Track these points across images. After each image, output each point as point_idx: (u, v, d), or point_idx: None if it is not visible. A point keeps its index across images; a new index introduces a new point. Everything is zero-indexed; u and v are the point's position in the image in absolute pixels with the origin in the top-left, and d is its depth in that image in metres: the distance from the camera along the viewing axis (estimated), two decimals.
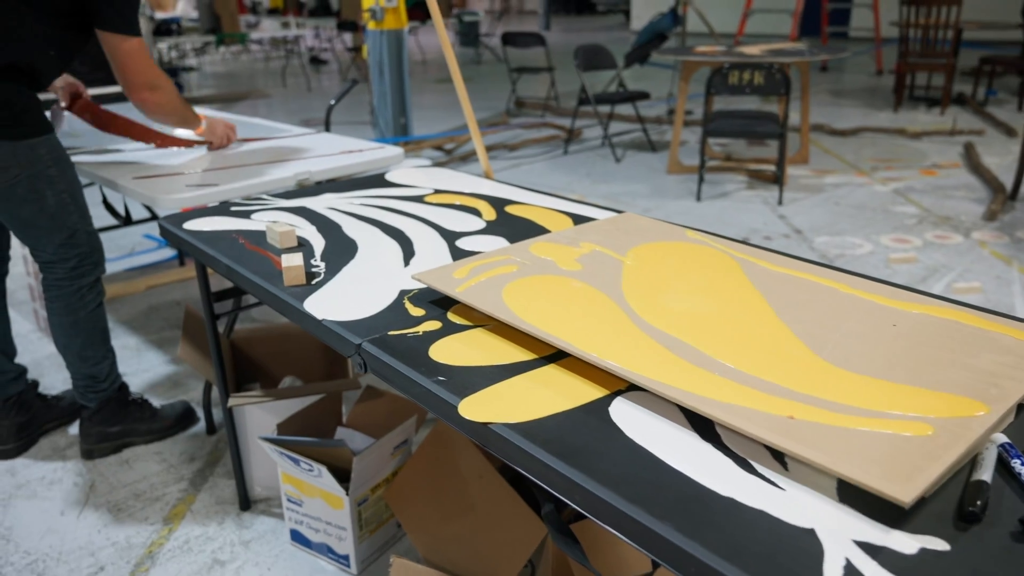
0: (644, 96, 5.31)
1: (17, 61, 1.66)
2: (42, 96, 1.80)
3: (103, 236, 3.44)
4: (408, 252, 1.33)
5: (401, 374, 0.93)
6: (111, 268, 3.32)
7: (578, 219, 1.49)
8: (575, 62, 5.23)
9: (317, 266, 1.28)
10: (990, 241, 3.46)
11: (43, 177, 1.74)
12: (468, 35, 12.58)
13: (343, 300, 1.13)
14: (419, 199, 1.66)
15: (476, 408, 0.84)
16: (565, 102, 7.31)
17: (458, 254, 1.32)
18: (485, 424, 0.81)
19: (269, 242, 1.40)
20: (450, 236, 1.41)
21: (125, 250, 3.58)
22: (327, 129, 2.68)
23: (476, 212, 1.55)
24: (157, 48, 8.15)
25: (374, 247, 1.36)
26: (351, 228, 1.47)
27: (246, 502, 1.79)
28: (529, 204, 1.60)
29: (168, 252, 3.54)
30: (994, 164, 4.74)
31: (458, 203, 1.62)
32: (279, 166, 2.00)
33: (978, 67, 6.94)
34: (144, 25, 6.10)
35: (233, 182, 1.83)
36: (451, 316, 1.07)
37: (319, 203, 1.64)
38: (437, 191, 1.73)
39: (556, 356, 0.95)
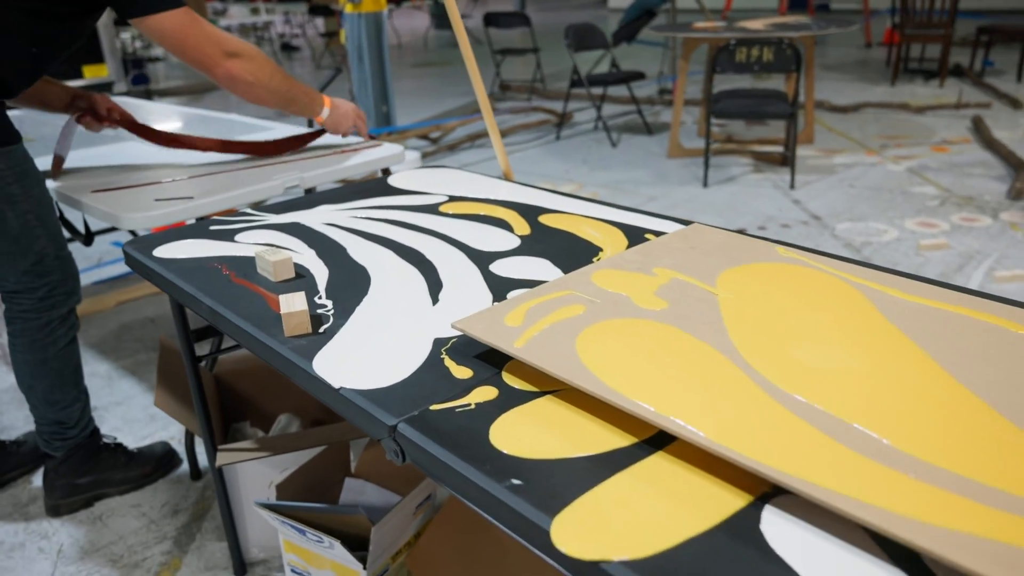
0: (639, 76, 5.06)
1: None
2: None
3: None
4: (433, 282, 1.08)
5: (457, 473, 0.69)
6: None
7: (630, 230, 1.24)
8: (565, 42, 4.96)
9: (323, 305, 1.02)
10: (1021, 222, 3.27)
11: (3, 196, 1.47)
12: (444, 17, 12.22)
13: (362, 357, 0.88)
14: (434, 209, 1.41)
15: (575, 533, 0.60)
16: (550, 84, 7.03)
17: (495, 282, 1.07)
18: (596, 563, 0.57)
19: (260, 273, 1.14)
20: (481, 258, 1.16)
21: (92, 261, 3.28)
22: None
23: (505, 225, 1.30)
24: (120, 39, 7.75)
25: (390, 276, 1.11)
26: (358, 251, 1.21)
27: (241, 567, 1.54)
28: (567, 213, 1.35)
29: None
30: (1006, 138, 4.55)
31: (481, 213, 1.37)
32: (262, 172, 1.73)
33: (975, 37, 6.75)
34: (106, 16, 5.73)
35: (210, 195, 1.56)
36: (507, 377, 0.82)
37: (315, 218, 1.38)
38: (452, 198, 1.47)
39: (661, 437, 0.71)
